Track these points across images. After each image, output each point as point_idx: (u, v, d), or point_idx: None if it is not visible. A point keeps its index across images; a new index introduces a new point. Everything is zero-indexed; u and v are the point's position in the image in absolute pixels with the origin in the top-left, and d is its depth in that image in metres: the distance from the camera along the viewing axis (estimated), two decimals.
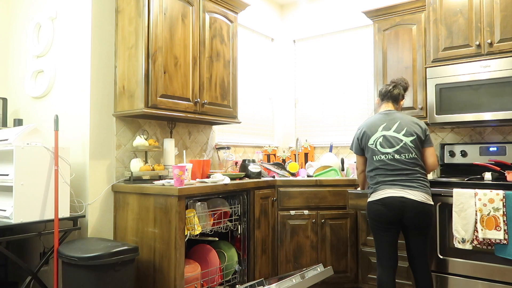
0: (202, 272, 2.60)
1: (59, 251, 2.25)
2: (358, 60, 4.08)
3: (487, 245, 2.56)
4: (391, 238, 2.38)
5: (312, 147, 4.20)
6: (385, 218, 2.34)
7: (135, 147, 2.74)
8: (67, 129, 2.75)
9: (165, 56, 2.68)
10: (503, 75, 2.82)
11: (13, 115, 3.10)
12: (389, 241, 2.38)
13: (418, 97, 3.29)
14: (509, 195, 2.51)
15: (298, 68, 4.52)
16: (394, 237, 2.39)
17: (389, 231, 2.37)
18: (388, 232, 2.37)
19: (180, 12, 2.80)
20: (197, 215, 2.56)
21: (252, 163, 3.16)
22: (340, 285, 3.19)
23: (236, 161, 3.59)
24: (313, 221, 3.16)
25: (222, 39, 3.16)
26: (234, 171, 3.47)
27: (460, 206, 2.65)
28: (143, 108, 2.55)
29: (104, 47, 2.73)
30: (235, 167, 3.56)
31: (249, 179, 3.06)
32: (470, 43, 2.98)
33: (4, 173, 2.34)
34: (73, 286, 2.16)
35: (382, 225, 2.37)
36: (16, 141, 2.34)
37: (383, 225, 2.36)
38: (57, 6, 2.87)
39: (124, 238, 2.64)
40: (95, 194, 2.63)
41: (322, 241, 3.17)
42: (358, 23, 4.06)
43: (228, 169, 3.55)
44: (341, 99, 4.18)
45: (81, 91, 2.68)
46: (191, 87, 2.87)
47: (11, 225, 2.21)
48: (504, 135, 3.26)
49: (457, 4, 3.03)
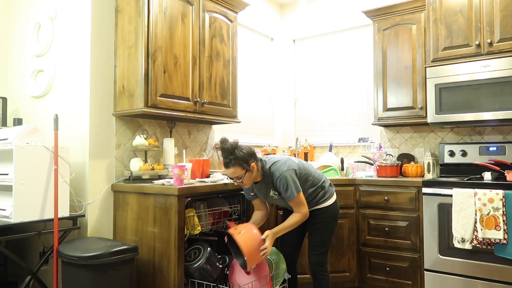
0: (253, 282, 2.44)
1: (59, 250, 2.25)
2: (358, 60, 4.07)
3: (486, 245, 2.56)
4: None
5: (312, 147, 4.20)
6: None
7: (134, 146, 2.74)
8: (66, 129, 2.75)
9: (165, 55, 2.68)
10: (502, 74, 2.82)
11: (13, 114, 3.10)
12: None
13: (417, 96, 3.29)
14: (509, 195, 2.51)
15: (297, 68, 4.52)
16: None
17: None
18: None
19: (180, 11, 2.80)
20: (196, 215, 2.56)
21: None
22: (340, 285, 3.19)
23: None
24: None
25: (222, 39, 3.16)
26: None
27: (459, 206, 2.65)
28: (143, 107, 2.55)
29: (103, 46, 2.72)
30: None
31: None
32: (470, 42, 2.98)
33: (4, 173, 2.34)
34: (72, 285, 2.16)
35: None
36: (15, 141, 2.34)
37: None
38: (57, 5, 2.87)
39: (123, 237, 2.64)
40: (94, 194, 2.63)
41: None
42: (358, 22, 4.05)
43: None
44: (341, 98, 4.18)
45: (80, 91, 2.68)
46: (191, 87, 2.87)
47: (10, 224, 2.21)
48: (503, 134, 3.26)
49: (457, 3, 3.03)
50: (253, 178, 2.39)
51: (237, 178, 2.34)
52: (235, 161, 2.29)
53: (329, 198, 2.54)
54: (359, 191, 3.24)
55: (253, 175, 2.37)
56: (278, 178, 2.36)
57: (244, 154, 2.31)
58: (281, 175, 2.35)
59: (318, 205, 2.51)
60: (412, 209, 2.99)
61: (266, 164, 2.43)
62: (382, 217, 3.12)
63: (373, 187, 3.17)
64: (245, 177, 2.34)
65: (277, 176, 2.36)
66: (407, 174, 3.35)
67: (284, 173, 2.35)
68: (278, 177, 2.36)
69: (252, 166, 2.34)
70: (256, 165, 2.36)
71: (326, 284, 2.50)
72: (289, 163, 2.41)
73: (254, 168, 2.35)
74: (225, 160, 2.32)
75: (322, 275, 2.50)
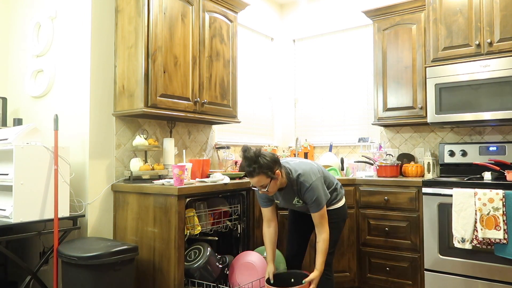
0: (253, 282, 2.47)
1: (59, 250, 2.25)
2: (358, 60, 4.07)
3: (486, 245, 2.56)
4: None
5: (312, 147, 4.20)
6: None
7: (134, 146, 2.74)
8: (67, 129, 2.75)
9: (164, 55, 2.68)
10: (502, 74, 2.82)
11: (13, 114, 3.10)
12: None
13: (417, 96, 3.29)
14: (509, 195, 2.51)
15: (297, 68, 4.52)
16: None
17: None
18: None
19: (179, 11, 2.80)
20: (196, 215, 2.56)
21: None
22: (340, 285, 3.19)
23: (236, 161, 3.59)
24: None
25: (222, 39, 3.16)
26: (233, 170, 3.47)
27: (459, 206, 2.65)
28: (143, 107, 2.55)
29: (103, 46, 2.72)
30: (234, 166, 3.56)
31: None
32: (469, 42, 2.98)
33: (4, 173, 2.34)
34: (72, 285, 2.16)
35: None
36: (16, 141, 2.34)
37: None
38: (57, 5, 2.87)
39: (123, 237, 2.64)
40: (94, 194, 2.63)
41: None
42: (357, 22, 4.05)
43: (227, 168, 3.55)
44: (341, 98, 4.18)
45: (80, 91, 2.68)
46: (190, 87, 2.87)
47: (10, 224, 2.21)
48: (503, 134, 3.26)
49: (457, 3, 3.03)
50: (278, 186, 2.29)
51: (262, 186, 2.23)
52: (259, 170, 2.16)
53: (340, 200, 2.52)
54: (359, 191, 3.24)
55: (278, 183, 2.26)
56: (308, 189, 2.27)
57: (268, 161, 2.18)
58: (311, 186, 2.26)
59: (330, 207, 2.47)
60: (412, 209, 2.99)
61: (292, 172, 2.33)
62: (382, 217, 3.12)
63: (373, 187, 3.17)
64: (270, 185, 2.23)
65: (307, 187, 2.27)
66: (407, 174, 3.35)
67: (313, 184, 2.27)
68: (307, 187, 2.27)
69: (277, 174, 2.22)
70: (280, 171, 2.26)
71: (330, 285, 2.49)
72: (314, 170, 2.33)
73: (279, 175, 2.23)
74: (249, 169, 2.19)
75: (327, 276, 2.47)
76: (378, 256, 3.13)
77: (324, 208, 2.32)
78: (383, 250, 3.11)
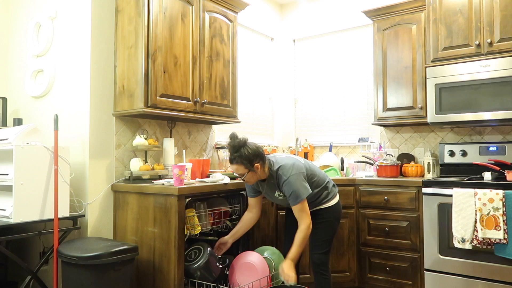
0: (253, 282, 2.46)
1: (59, 250, 2.25)
2: (358, 60, 4.07)
3: (486, 245, 2.56)
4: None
5: (312, 147, 4.20)
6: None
7: (134, 146, 2.74)
8: (67, 129, 2.75)
9: (164, 55, 2.68)
10: (502, 74, 2.82)
11: (13, 114, 3.10)
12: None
13: (417, 96, 3.29)
14: (509, 195, 2.51)
15: (297, 68, 4.52)
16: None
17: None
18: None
19: (179, 11, 2.80)
20: (196, 215, 2.56)
21: None
22: (340, 285, 3.19)
23: None
24: None
25: (222, 39, 3.16)
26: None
27: (459, 206, 2.65)
28: (143, 107, 2.55)
29: (103, 46, 2.72)
30: None
31: None
32: (469, 42, 2.98)
33: (4, 173, 2.34)
34: (72, 285, 2.16)
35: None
36: (16, 141, 2.34)
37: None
38: (57, 5, 2.87)
39: (123, 237, 2.64)
40: (94, 194, 2.63)
41: None
42: (357, 22, 4.05)
43: (227, 168, 3.55)
44: (341, 98, 4.18)
45: (80, 91, 2.68)
46: (190, 87, 2.87)
47: (10, 224, 2.21)
48: (503, 134, 3.26)
49: (457, 3, 3.03)
50: (257, 177, 2.41)
51: (240, 175, 2.39)
52: (239, 159, 2.32)
53: (332, 199, 2.55)
54: (359, 191, 3.24)
55: (256, 175, 2.39)
56: (285, 182, 2.35)
57: (249, 154, 2.32)
58: (288, 179, 2.34)
59: (321, 205, 2.51)
60: (412, 209, 2.99)
61: (273, 165, 2.42)
62: (382, 217, 3.12)
63: (373, 187, 3.17)
64: (247, 176, 2.37)
65: (284, 180, 2.36)
66: (407, 174, 3.35)
67: (291, 177, 2.34)
68: (285, 180, 2.35)
69: (256, 167, 2.34)
70: (261, 165, 2.37)
71: (327, 284, 2.50)
72: (296, 165, 2.40)
73: (258, 168, 2.35)
74: (230, 156, 2.37)
75: (323, 275, 2.50)
76: (378, 256, 3.13)
77: (304, 202, 2.36)
78: (383, 250, 3.11)
